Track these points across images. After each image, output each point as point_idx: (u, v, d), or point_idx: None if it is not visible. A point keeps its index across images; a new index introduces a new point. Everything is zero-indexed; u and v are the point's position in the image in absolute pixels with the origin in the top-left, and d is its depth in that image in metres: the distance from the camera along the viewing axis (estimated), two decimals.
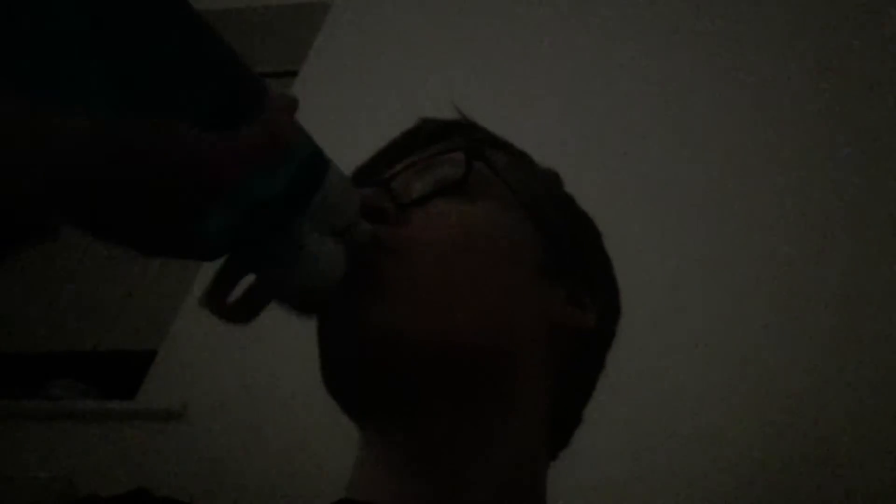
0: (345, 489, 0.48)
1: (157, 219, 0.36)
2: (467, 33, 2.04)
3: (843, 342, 1.26)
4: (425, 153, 0.54)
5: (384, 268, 0.46)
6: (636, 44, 1.83)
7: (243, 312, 0.44)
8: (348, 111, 1.82)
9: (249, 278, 0.45)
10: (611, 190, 1.55)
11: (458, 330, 0.46)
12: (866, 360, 1.23)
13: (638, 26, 1.87)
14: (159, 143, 0.34)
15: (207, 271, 0.43)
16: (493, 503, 0.46)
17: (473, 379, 0.47)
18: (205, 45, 0.36)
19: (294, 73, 2.12)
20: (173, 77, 0.35)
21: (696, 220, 1.49)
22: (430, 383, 0.46)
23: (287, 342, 0.49)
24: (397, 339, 0.45)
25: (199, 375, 1.55)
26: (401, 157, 0.55)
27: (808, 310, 1.31)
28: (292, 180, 0.40)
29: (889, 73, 1.59)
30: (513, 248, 0.51)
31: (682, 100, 1.69)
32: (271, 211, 0.39)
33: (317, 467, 0.48)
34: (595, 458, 1.17)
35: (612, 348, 0.57)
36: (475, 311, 0.47)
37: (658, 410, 1.25)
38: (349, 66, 2.07)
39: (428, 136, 0.55)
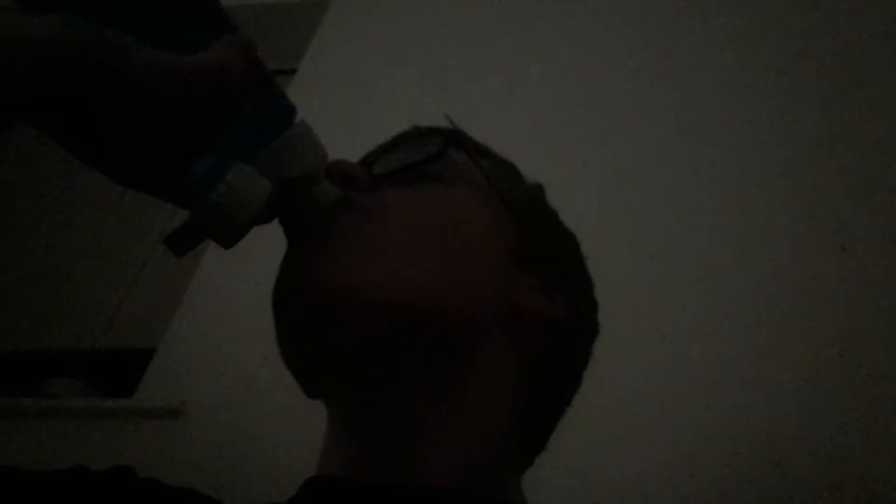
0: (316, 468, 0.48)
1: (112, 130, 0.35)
2: (464, 32, 2.04)
3: (840, 342, 1.26)
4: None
5: (343, 222, 0.46)
6: (632, 48, 1.83)
7: (176, 242, 0.41)
8: (346, 109, 1.82)
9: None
10: (605, 191, 1.55)
11: (410, 287, 0.45)
12: (863, 361, 1.23)
13: (634, 30, 1.87)
14: (117, 53, 0.34)
15: (206, 271, 0.42)
16: (454, 489, 0.44)
17: (423, 341, 0.45)
18: None
19: (292, 71, 2.12)
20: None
21: (693, 220, 1.49)
22: (378, 342, 0.45)
23: None
24: (339, 294, 0.44)
25: (198, 373, 1.55)
26: (385, 157, 0.55)
27: (805, 311, 1.31)
28: (254, 117, 0.40)
29: (890, 73, 1.59)
30: (482, 227, 0.50)
31: (678, 100, 1.69)
32: (232, 144, 0.39)
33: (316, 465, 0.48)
34: (585, 456, 1.17)
35: (594, 347, 0.56)
36: (430, 271, 0.46)
37: (649, 409, 1.25)
38: (347, 63, 2.07)
39: (413, 138, 0.56)
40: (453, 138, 0.53)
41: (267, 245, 0.50)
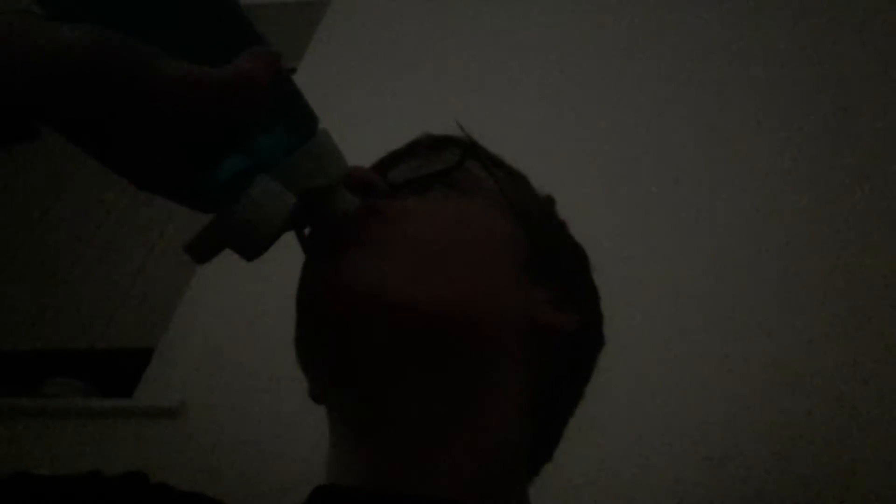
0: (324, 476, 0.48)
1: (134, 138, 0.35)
2: (464, 32, 2.04)
3: (839, 343, 1.26)
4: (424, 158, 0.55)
5: (370, 227, 0.46)
6: (635, 48, 1.83)
7: (198, 249, 0.41)
8: (346, 109, 1.81)
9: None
10: (606, 193, 1.55)
11: (435, 294, 0.45)
12: (862, 362, 1.23)
13: (636, 31, 1.87)
14: (146, 64, 0.34)
15: (205, 270, 0.42)
16: (467, 499, 0.44)
17: (445, 350, 0.45)
18: None
19: (292, 71, 2.12)
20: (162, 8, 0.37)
21: (695, 224, 1.49)
22: (398, 348, 0.45)
23: (287, 340, 0.49)
24: (368, 297, 0.44)
25: (198, 373, 1.55)
26: (399, 164, 0.56)
27: (806, 311, 1.31)
28: (281, 129, 0.41)
29: (890, 75, 1.59)
30: (498, 240, 0.51)
31: (685, 106, 1.69)
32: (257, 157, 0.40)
33: (316, 466, 0.48)
34: (584, 460, 1.17)
35: (598, 359, 0.57)
36: (455, 280, 0.46)
37: (650, 416, 1.25)
38: (347, 63, 2.07)
39: (427, 146, 0.56)
40: (469, 149, 0.53)
41: None
